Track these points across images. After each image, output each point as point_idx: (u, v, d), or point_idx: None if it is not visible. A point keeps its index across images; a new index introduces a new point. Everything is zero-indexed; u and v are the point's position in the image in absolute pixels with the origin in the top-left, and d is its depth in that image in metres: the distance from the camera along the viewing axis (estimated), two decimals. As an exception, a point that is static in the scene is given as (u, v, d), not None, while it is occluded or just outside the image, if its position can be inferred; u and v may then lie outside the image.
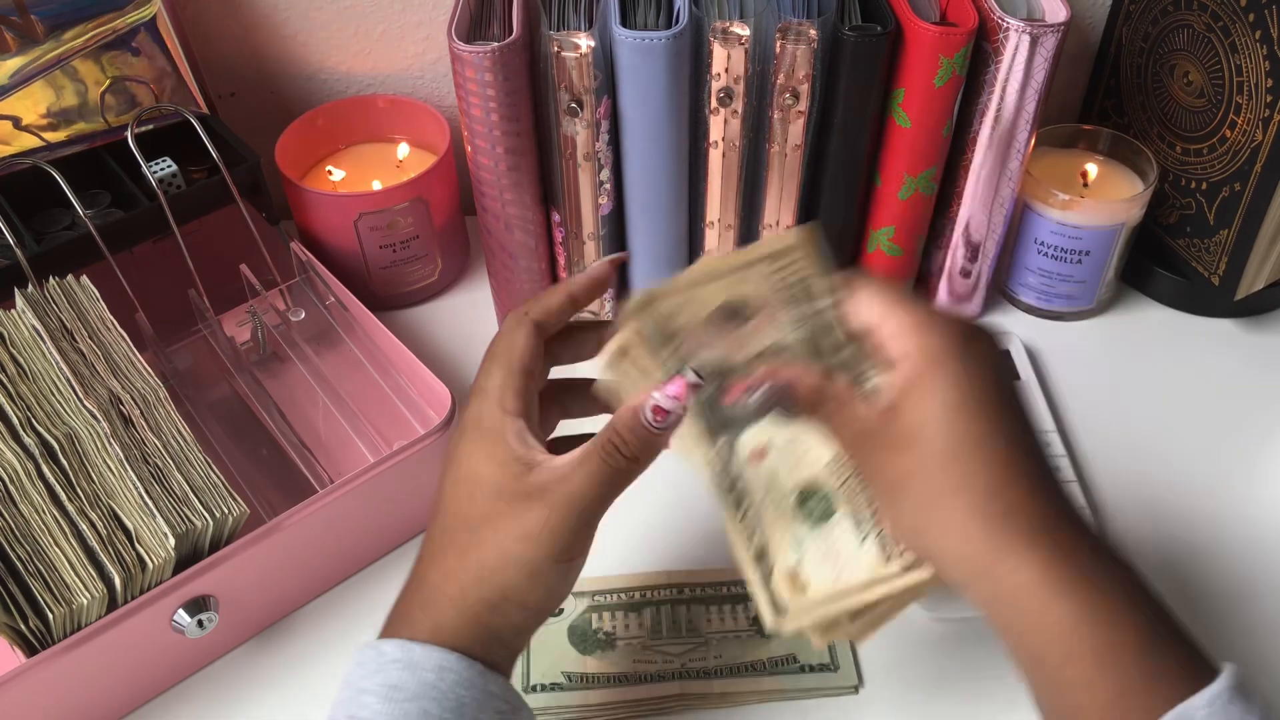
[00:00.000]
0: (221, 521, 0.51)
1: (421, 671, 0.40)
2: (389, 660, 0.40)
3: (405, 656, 0.40)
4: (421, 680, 0.39)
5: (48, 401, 0.54)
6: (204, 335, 0.70)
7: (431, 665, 0.40)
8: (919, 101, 0.61)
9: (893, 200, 0.67)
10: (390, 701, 0.39)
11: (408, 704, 0.39)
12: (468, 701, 0.40)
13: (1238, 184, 0.66)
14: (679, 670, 0.54)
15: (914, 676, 0.55)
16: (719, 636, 0.56)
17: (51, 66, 0.64)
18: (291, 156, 0.72)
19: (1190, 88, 0.68)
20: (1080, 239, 0.69)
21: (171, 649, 0.53)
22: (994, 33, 0.60)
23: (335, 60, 0.78)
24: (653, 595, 0.58)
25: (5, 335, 0.56)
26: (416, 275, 0.74)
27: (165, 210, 0.62)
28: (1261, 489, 0.63)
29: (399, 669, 0.40)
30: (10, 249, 0.59)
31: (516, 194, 0.65)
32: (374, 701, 0.39)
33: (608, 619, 0.57)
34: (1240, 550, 0.60)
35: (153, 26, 0.66)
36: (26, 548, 0.49)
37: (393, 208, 0.70)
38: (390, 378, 0.65)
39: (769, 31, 0.59)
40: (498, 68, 0.58)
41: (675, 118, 0.61)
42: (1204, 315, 0.74)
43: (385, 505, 0.58)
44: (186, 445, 0.53)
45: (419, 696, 0.39)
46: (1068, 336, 0.73)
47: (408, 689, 0.39)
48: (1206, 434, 0.67)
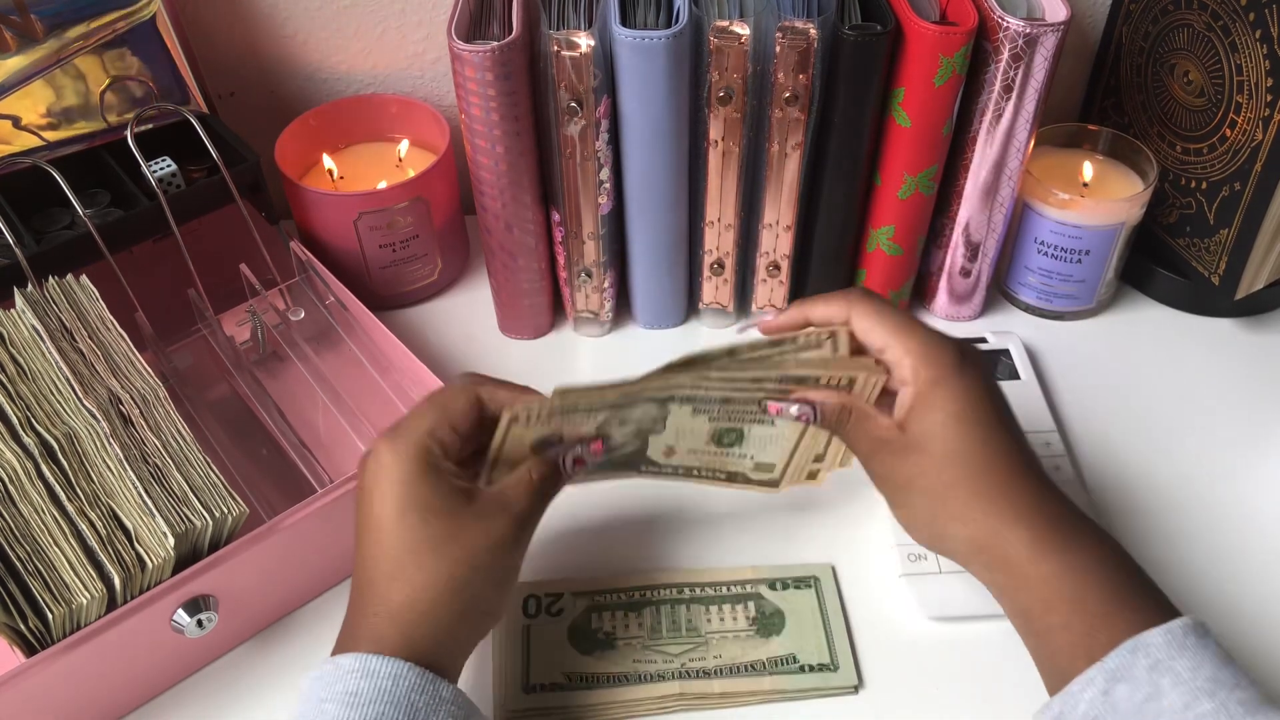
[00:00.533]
0: (221, 521, 0.51)
1: (378, 679, 0.43)
2: (346, 671, 0.43)
3: (362, 666, 0.43)
4: (378, 687, 0.43)
5: (47, 401, 0.54)
6: (204, 335, 0.70)
7: (387, 673, 0.43)
8: (919, 101, 0.61)
9: (893, 200, 0.67)
10: (351, 707, 0.42)
11: (366, 708, 0.42)
12: (420, 706, 0.43)
13: (1238, 183, 0.66)
14: (679, 670, 0.54)
15: (914, 676, 0.55)
16: (719, 636, 0.56)
17: (51, 66, 0.64)
18: (291, 156, 0.72)
19: (1190, 87, 0.68)
20: (1080, 239, 0.69)
21: (171, 649, 0.53)
22: (994, 32, 0.60)
23: (335, 60, 0.78)
24: (653, 595, 0.58)
25: (5, 335, 0.56)
26: (416, 275, 0.74)
27: (165, 210, 0.62)
28: (1261, 489, 0.63)
29: (356, 678, 0.43)
30: (10, 248, 0.59)
31: (516, 194, 0.65)
32: (335, 709, 0.42)
33: (608, 619, 0.57)
34: (1240, 549, 0.60)
35: (153, 26, 0.66)
36: (26, 547, 0.49)
37: (393, 207, 0.70)
38: (390, 377, 0.65)
39: (769, 31, 0.59)
40: (498, 67, 0.58)
41: (675, 117, 0.61)
42: (1204, 315, 0.74)
43: (385, 505, 0.58)
44: (186, 445, 0.53)
45: (375, 701, 0.42)
46: (1068, 336, 0.73)
47: (365, 694, 0.42)
48: (1206, 434, 0.67)
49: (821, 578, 0.58)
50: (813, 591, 0.58)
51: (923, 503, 0.48)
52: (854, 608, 0.57)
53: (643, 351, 0.73)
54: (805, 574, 0.58)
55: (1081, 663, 0.43)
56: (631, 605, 0.57)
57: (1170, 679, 0.41)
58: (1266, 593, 0.58)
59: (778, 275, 0.71)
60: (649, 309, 0.73)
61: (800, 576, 0.58)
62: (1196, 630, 0.43)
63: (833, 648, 0.55)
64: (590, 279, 0.70)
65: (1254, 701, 0.40)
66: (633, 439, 0.54)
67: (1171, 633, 0.42)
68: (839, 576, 0.59)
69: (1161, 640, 0.42)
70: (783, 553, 0.60)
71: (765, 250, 0.69)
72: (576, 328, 0.74)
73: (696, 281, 0.72)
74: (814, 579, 0.58)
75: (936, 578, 0.57)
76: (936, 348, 0.48)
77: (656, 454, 0.55)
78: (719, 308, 0.73)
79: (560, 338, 0.74)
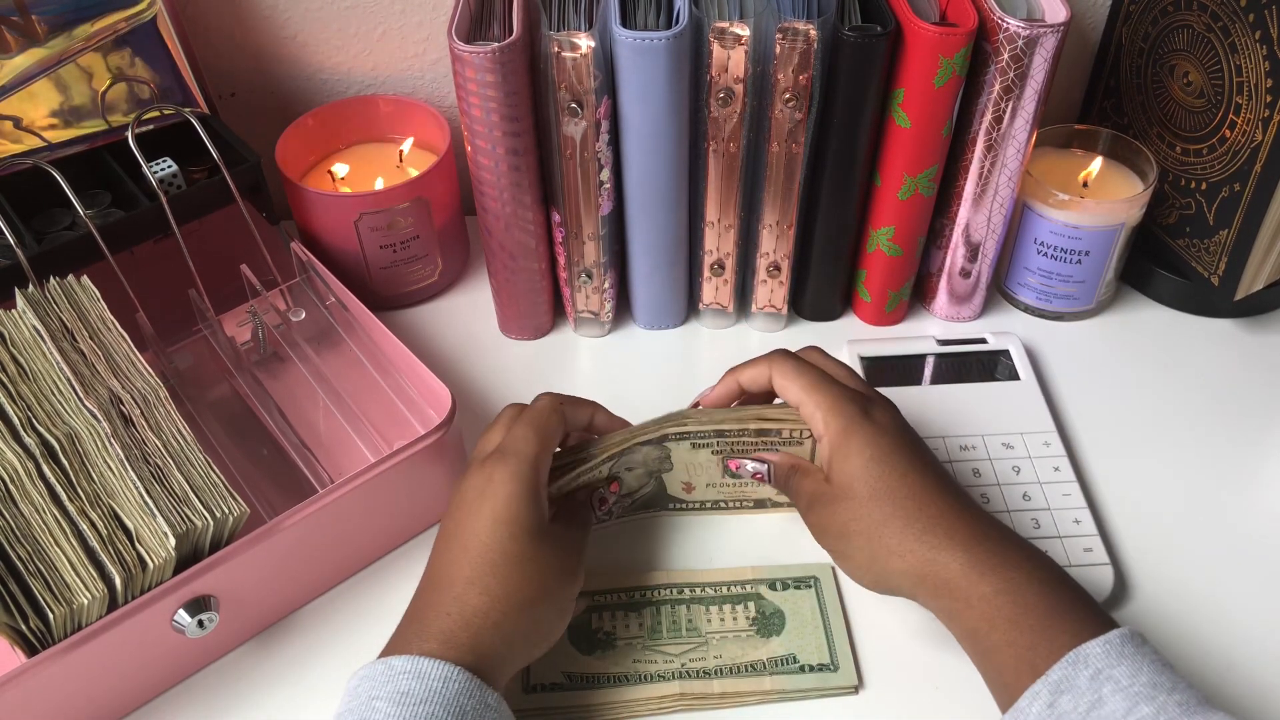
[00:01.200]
0: (222, 521, 0.51)
1: (429, 680, 0.44)
2: (398, 672, 0.45)
3: (414, 668, 0.45)
4: (429, 687, 0.44)
5: (48, 401, 0.54)
6: (204, 335, 0.70)
7: (438, 675, 0.44)
8: (919, 101, 0.61)
9: (893, 200, 0.67)
10: (402, 705, 0.43)
11: (418, 707, 0.43)
12: (469, 710, 0.44)
13: (1237, 184, 0.66)
14: (679, 670, 0.54)
15: (914, 676, 0.55)
16: (719, 636, 0.56)
17: (52, 66, 0.64)
18: (291, 156, 0.72)
19: (1190, 88, 0.68)
20: (1080, 239, 0.70)
21: (172, 649, 0.53)
22: (994, 33, 0.60)
23: (335, 60, 0.78)
24: (653, 595, 0.58)
25: (6, 335, 0.56)
26: (417, 275, 0.74)
27: (166, 210, 0.62)
28: (1261, 489, 0.63)
29: (409, 679, 0.44)
30: (11, 249, 0.59)
31: (516, 194, 0.65)
32: (386, 706, 0.43)
33: (608, 619, 0.57)
34: (1239, 549, 0.60)
35: (153, 27, 0.66)
36: (27, 548, 0.49)
37: (393, 208, 0.70)
38: (390, 378, 0.65)
39: (769, 31, 0.59)
40: (498, 68, 0.58)
41: (675, 118, 0.61)
42: (1204, 315, 0.74)
43: (385, 505, 0.58)
44: (187, 445, 0.53)
45: (427, 701, 0.44)
46: (1068, 336, 0.73)
47: (417, 694, 0.44)
48: (1206, 434, 0.67)
49: (821, 578, 0.58)
50: (813, 591, 0.58)
51: (860, 545, 0.50)
52: (854, 608, 0.57)
53: (643, 352, 0.73)
54: (805, 574, 0.58)
55: (1026, 678, 0.44)
56: (631, 605, 0.57)
57: (1110, 686, 0.43)
58: (1266, 592, 0.58)
59: (778, 275, 0.71)
60: (649, 309, 0.73)
61: (800, 576, 0.58)
62: (1134, 639, 0.44)
63: (833, 648, 0.55)
64: (590, 279, 0.70)
65: (1192, 703, 0.42)
66: (646, 479, 0.59)
67: (1110, 643, 0.44)
68: (839, 576, 0.59)
69: (1101, 650, 0.43)
70: (783, 553, 0.60)
71: (765, 251, 0.69)
72: (577, 328, 0.74)
73: (696, 282, 0.72)
74: (814, 579, 0.58)
75: None
76: (843, 400, 0.52)
77: (676, 490, 0.60)
78: (719, 308, 0.73)
79: (560, 338, 0.74)
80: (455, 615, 0.47)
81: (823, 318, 0.75)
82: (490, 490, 0.50)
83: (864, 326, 0.75)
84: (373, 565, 0.60)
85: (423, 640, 0.46)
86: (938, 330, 0.74)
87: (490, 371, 0.71)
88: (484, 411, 0.68)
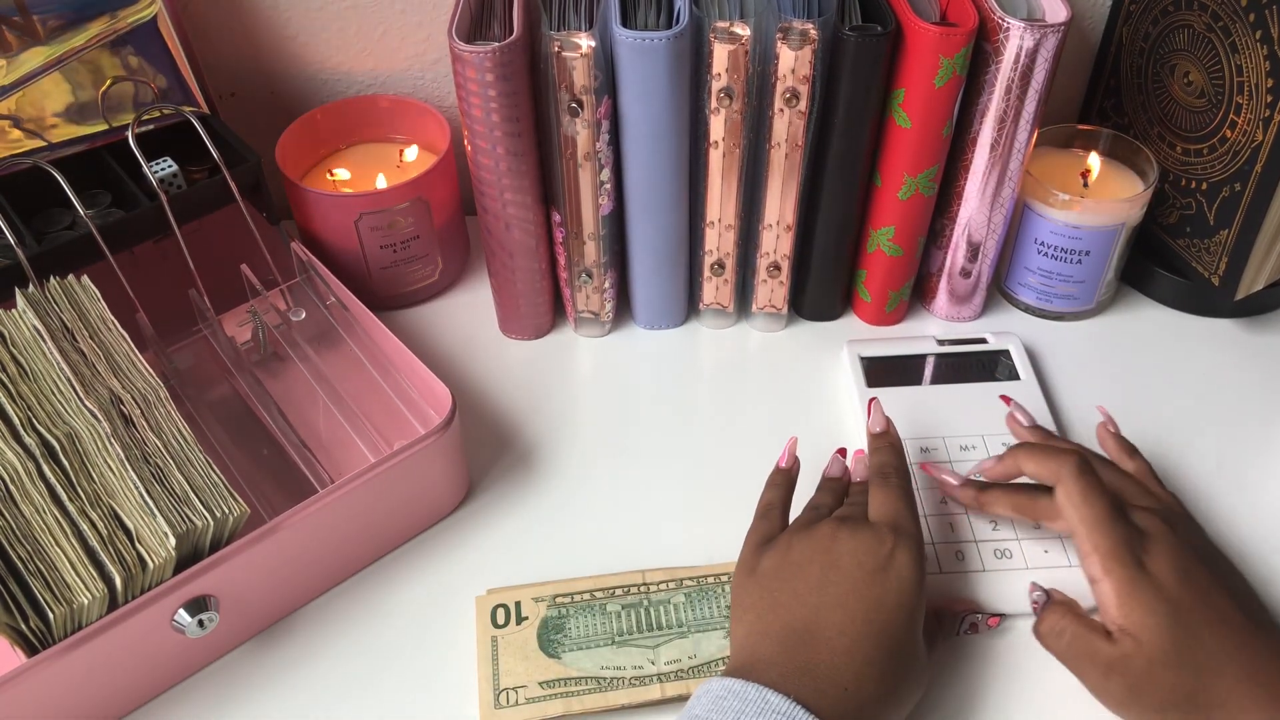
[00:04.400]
0: (222, 521, 0.51)
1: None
2: (773, 710, 0.44)
3: (788, 711, 0.44)
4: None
5: (49, 401, 0.54)
6: (204, 335, 0.70)
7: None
8: (919, 102, 0.61)
9: (893, 200, 0.67)
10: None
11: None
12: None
13: (1238, 184, 0.66)
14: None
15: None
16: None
17: (52, 66, 0.64)
18: (292, 156, 0.72)
19: (1190, 88, 0.68)
20: (1080, 239, 0.70)
21: (172, 649, 0.53)
22: (994, 33, 0.60)
23: (335, 60, 0.78)
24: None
25: (6, 335, 0.56)
26: (417, 275, 0.74)
27: (166, 210, 0.62)
28: (1261, 489, 0.63)
29: (778, 718, 0.44)
30: (11, 249, 0.59)
31: (517, 194, 0.65)
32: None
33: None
34: (1239, 549, 0.60)
35: (154, 27, 0.66)
36: (27, 547, 0.49)
37: (393, 208, 0.70)
38: (390, 378, 0.65)
39: (769, 31, 0.59)
40: (498, 68, 0.58)
41: (675, 118, 0.61)
42: (1204, 315, 0.74)
43: (385, 505, 0.58)
44: (187, 445, 0.53)
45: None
46: (1068, 336, 0.73)
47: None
48: (1206, 434, 0.67)
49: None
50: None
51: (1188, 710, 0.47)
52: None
53: (643, 352, 0.73)
54: None
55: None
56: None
57: None
58: (1266, 593, 0.58)
59: (778, 276, 0.71)
60: (649, 309, 0.73)
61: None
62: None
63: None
64: (590, 279, 0.70)
65: None
66: None
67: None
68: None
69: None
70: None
71: (765, 251, 0.69)
72: (577, 328, 0.74)
73: (697, 282, 0.72)
74: None
75: (936, 578, 0.57)
76: (1130, 546, 0.48)
77: None
78: (719, 308, 0.73)
79: (560, 338, 0.74)
80: (852, 696, 0.46)
81: (823, 318, 0.75)
82: (894, 568, 0.49)
83: (864, 326, 0.75)
84: (373, 565, 0.60)
85: (812, 696, 0.45)
86: (938, 330, 0.74)
87: (490, 371, 0.71)
88: (484, 411, 0.68)
